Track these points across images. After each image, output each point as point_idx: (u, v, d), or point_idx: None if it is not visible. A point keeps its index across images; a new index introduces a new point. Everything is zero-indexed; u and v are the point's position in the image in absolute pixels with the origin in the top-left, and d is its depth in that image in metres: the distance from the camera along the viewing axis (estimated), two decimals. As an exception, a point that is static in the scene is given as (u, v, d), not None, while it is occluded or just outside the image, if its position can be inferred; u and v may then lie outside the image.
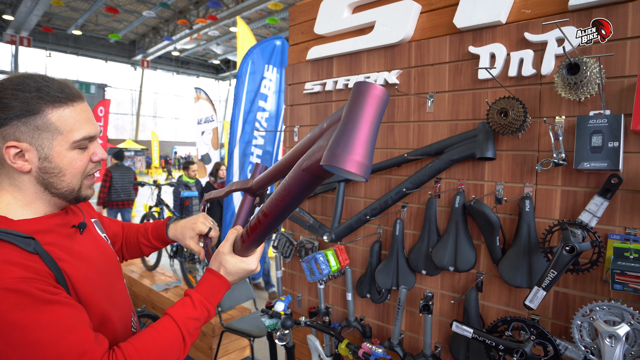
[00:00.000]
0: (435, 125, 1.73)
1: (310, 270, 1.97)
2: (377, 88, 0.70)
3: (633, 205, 1.32)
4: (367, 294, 1.92)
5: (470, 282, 1.67)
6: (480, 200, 1.54)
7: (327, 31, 2.06)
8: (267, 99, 3.78)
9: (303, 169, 0.80)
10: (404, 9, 1.76)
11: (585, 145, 1.31)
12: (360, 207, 2.01)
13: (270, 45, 3.84)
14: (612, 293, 1.35)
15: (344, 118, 0.71)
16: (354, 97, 0.71)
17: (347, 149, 0.66)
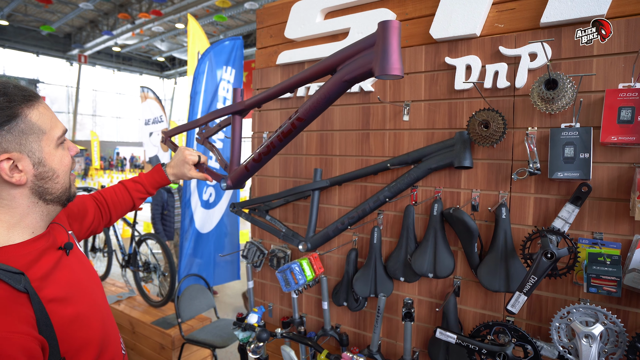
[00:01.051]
0: (411, 133, 1.75)
1: (285, 280, 1.92)
2: (396, 22, 1.07)
3: (600, 211, 1.40)
4: (344, 302, 1.90)
5: (447, 287, 1.71)
6: (459, 209, 1.57)
7: (299, 36, 2.02)
8: (225, 101, 3.67)
9: (345, 80, 1.17)
10: (379, 17, 1.77)
11: (558, 156, 1.38)
12: (335, 215, 1.99)
13: (229, 46, 3.72)
14: (582, 294, 1.43)
15: (383, 44, 1.06)
16: (383, 30, 1.07)
17: (392, 63, 1.06)
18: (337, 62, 1.21)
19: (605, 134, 1.31)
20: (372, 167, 1.78)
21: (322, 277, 1.94)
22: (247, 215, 2.11)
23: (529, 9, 1.50)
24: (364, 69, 1.12)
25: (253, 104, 1.62)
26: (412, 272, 1.71)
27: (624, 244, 1.37)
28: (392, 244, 1.83)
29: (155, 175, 1.54)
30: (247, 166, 1.60)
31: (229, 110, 1.70)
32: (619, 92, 1.30)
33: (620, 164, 1.37)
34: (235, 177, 1.66)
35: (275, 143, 1.45)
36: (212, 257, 3.58)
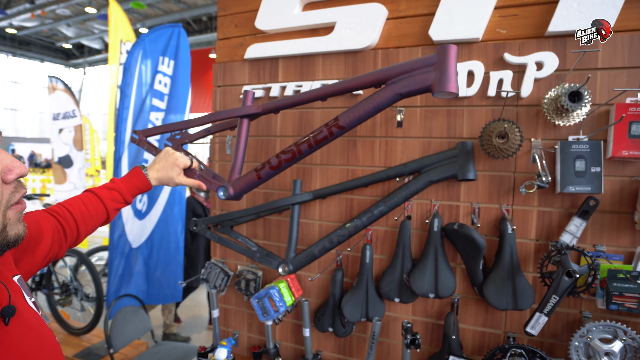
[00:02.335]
0: (405, 142, 1.62)
1: (262, 309, 1.68)
2: (454, 46, 1.14)
3: (602, 224, 1.39)
4: (329, 328, 1.71)
5: (444, 306, 1.61)
6: (465, 225, 1.47)
7: (273, 27, 1.78)
8: (163, 97, 3.25)
9: (399, 93, 1.21)
10: (371, 13, 1.60)
11: (570, 170, 1.33)
12: (315, 231, 1.79)
13: (166, 34, 3.30)
14: (584, 306, 1.41)
15: (443, 65, 1.14)
16: (444, 53, 1.14)
17: (452, 82, 1.14)
18: (388, 76, 1.24)
19: (616, 148, 1.29)
20: (365, 178, 1.61)
21: (302, 301, 1.74)
22: (212, 234, 1.82)
23: (533, 17, 1.44)
24: (422, 85, 1.18)
25: (272, 109, 1.48)
26: (410, 292, 1.58)
27: (626, 255, 1.37)
28: (383, 261, 1.68)
29: (133, 179, 1.29)
30: (261, 174, 1.45)
31: (238, 113, 1.51)
32: (629, 106, 1.28)
33: (622, 177, 1.36)
34: (241, 185, 1.49)
35: (303, 150, 1.38)
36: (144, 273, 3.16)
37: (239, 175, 1.52)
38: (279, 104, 1.46)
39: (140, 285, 3.02)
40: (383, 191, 1.66)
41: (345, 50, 1.68)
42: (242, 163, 1.54)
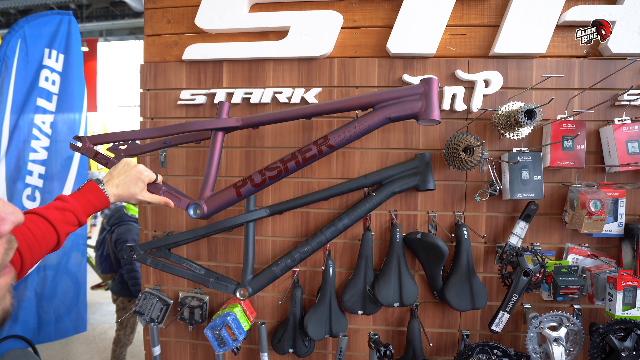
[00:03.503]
0: (363, 153, 1.61)
1: (218, 339, 1.52)
2: (436, 79, 1.28)
3: (538, 225, 1.58)
4: (289, 349, 1.62)
5: (404, 312, 1.65)
6: (428, 233, 1.52)
7: (218, 27, 1.62)
8: (51, 96, 2.71)
9: (389, 117, 1.29)
10: (327, 20, 1.56)
11: (517, 178, 1.47)
12: (268, 248, 1.68)
13: (52, 22, 2.74)
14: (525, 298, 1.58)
15: (428, 96, 1.26)
16: (428, 85, 1.27)
17: (434, 110, 1.25)
18: (378, 101, 1.30)
19: (553, 159, 1.47)
20: (327, 191, 1.55)
21: (259, 324, 1.62)
22: (155, 260, 1.57)
23: (478, 37, 1.56)
24: (411, 112, 1.28)
25: (252, 123, 1.38)
26: (373, 303, 1.58)
27: (557, 251, 1.57)
28: (343, 275, 1.66)
29: (88, 196, 1.09)
30: (241, 191, 1.36)
31: (213, 125, 1.37)
32: (561, 123, 1.47)
33: (553, 184, 1.56)
34: (216, 203, 1.36)
35: (290, 167, 1.34)
36: (35, 307, 2.61)
37: (211, 192, 1.38)
38: (260, 119, 1.37)
39: (29, 322, 2.48)
40: (341, 204, 1.63)
41: (299, 57, 1.61)
42: (215, 179, 1.39)
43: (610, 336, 1.37)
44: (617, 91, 1.53)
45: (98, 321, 4.20)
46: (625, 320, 1.37)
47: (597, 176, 1.55)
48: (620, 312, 1.37)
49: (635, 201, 1.55)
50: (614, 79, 1.53)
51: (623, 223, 1.51)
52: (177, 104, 1.68)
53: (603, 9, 1.49)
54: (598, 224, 1.43)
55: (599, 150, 1.54)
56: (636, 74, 1.54)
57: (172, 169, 1.70)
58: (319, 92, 1.61)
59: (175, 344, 1.76)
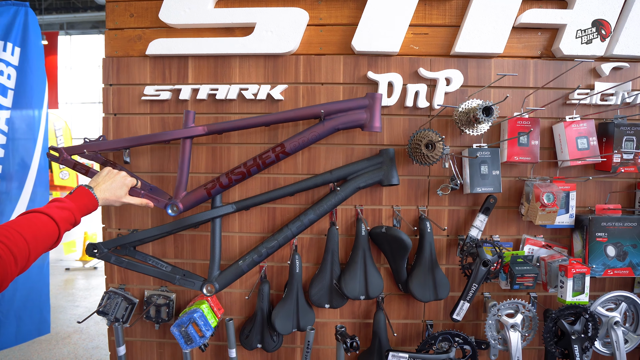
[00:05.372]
0: (328, 149, 1.64)
1: (185, 336, 1.51)
2: (380, 94, 1.48)
3: (496, 217, 1.65)
4: (258, 345, 1.63)
5: (370, 305, 1.69)
6: (392, 227, 1.56)
7: (183, 22, 1.60)
8: (6, 92, 2.60)
9: (337, 128, 1.46)
10: (293, 17, 1.57)
11: (477, 173, 1.53)
12: (235, 244, 1.68)
13: (7, 13, 2.61)
14: (485, 288, 1.65)
15: (371, 109, 1.45)
16: (372, 100, 1.45)
17: (376, 121, 1.45)
18: (328, 112, 1.46)
19: (510, 154, 1.54)
20: (293, 187, 1.57)
21: (226, 320, 1.62)
22: (119, 258, 1.54)
23: (440, 37, 1.61)
24: (357, 123, 1.46)
25: (216, 130, 1.52)
26: (340, 297, 1.61)
27: (515, 242, 1.65)
28: (309, 269, 1.68)
29: (82, 199, 1.22)
30: (211, 190, 1.52)
31: (182, 135, 1.52)
32: (517, 120, 1.54)
33: (510, 178, 1.63)
34: (190, 201, 1.53)
35: (252, 171, 1.50)
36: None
37: (184, 191, 1.54)
38: (224, 126, 1.51)
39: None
40: (307, 199, 1.65)
41: (265, 54, 1.61)
42: (187, 180, 1.55)
43: (561, 321, 1.45)
44: (569, 91, 1.62)
45: (62, 325, 4.06)
46: (575, 305, 1.46)
47: (551, 171, 1.64)
48: (570, 298, 1.46)
49: (585, 194, 1.64)
50: (565, 79, 1.62)
51: (574, 215, 1.59)
52: (141, 99, 1.65)
53: (555, 12, 1.57)
54: (551, 216, 1.51)
55: (553, 146, 1.63)
56: (586, 74, 1.63)
57: (137, 166, 1.67)
58: (285, 88, 1.62)
59: (141, 343, 1.74)
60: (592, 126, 1.56)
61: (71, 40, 11.94)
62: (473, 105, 1.46)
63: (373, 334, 1.61)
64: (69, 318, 4.18)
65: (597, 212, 1.60)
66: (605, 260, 1.55)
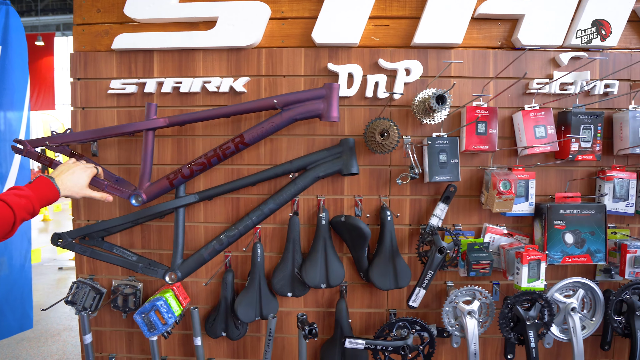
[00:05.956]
0: (290, 139, 1.66)
1: (148, 323, 1.54)
2: (337, 84, 1.48)
3: (458, 206, 1.67)
4: (222, 333, 1.66)
5: (334, 294, 1.71)
6: (352, 216, 1.59)
7: (147, 17, 1.64)
8: (-12, 90, 2.65)
9: (295, 118, 1.47)
10: (254, 11, 1.60)
11: (435, 162, 1.56)
12: (200, 234, 1.71)
13: None
14: (447, 277, 1.67)
15: (328, 99, 1.46)
16: (329, 90, 1.46)
17: (334, 111, 1.46)
18: (286, 102, 1.48)
19: (468, 143, 1.56)
20: (254, 177, 1.60)
21: (191, 309, 1.64)
22: (83, 247, 1.58)
23: (400, 28, 1.64)
24: (314, 113, 1.47)
25: (178, 122, 1.54)
26: (302, 285, 1.63)
27: (476, 231, 1.66)
28: (273, 258, 1.70)
29: (43, 189, 1.21)
30: (173, 181, 1.54)
31: (144, 127, 1.54)
32: (475, 109, 1.56)
33: (472, 167, 1.65)
34: (153, 191, 1.55)
35: (213, 161, 1.52)
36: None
37: (148, 182, 1.56)
38: (185, 118, 1.54)
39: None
40: (270, 189, 1.68)
41: (227, 47, 1.64)
42: (151, 171, 1.57)
43: (516, 307, 1.47)
44: (528, 80, 1.63)
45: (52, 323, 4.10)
46: (531, 291, 1.47)
47: (512, 160, 1.66)
48: (525, 284, 1.47)
49: (546, 182, 1.66)
50: (525, 68, 1.64)
51: (534, 203, 1.61)
52: (108, 93, 1.68)
53: (513, 2, 1.59)
54: (507, 203, 1.52)
55: (513, 135, 1.64)
56: (546, 64, 1.65)
57: (105, 159, 1.70)
58: (247, 81, 1.65)
59: (110, 332, 1.77)
60: (550, 115, 1.58)
61: (67, 41, 12.01)
62: (429, 95, 1.48)
63: (335, 322, 1.64)
64: (59, 316, 4.22)
65: (556, 200, 1.61)
66: (564, 247, 1.56)
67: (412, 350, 1.49)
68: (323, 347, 1.68)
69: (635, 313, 1.51)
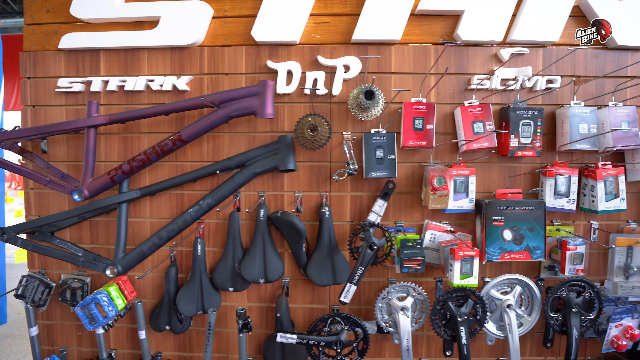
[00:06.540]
0: (231, 136, 1.68)
1: (89, 316, 1.57)
2: (272, 82, 1.51)
3: (400, 203, 1.66)
4: (166, 327, 1.68)
5: (276, 289, 1.72)
6: (287, 212, 1.60)
7: (92, 17, 1.67)
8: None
9: (231, 115, 1.51)
10: (195, 10, 1.62)
11: (372, 158, 1.56)
12: (147, 229, 1.74)
13: None
14: (393, 274, 1.67)
15: (262, 96, 1.49)
16: (264, 87, 1.49)
17: (269, 109, 1.49)
18: (222, 100, 1.52)
19: (405, 139, 1.56)
20: (192, 174, 1.62)
21: (135, 302, 1.67)
22: (26, 242, 1.62)
23: (341, 25, 1.65)
24: (249, 110, 1.51)
25: (118, 120, 1.59)
26: (242, 280, 1.65)
27: (417, 228, 1.66)
28: (217, 254, 1.72)
29: None
30: (114, 177, 1.59)
31: (85, 124, 1.58)
32: (413, 104, 1.56)
33: (413, 163, 1.65)
34: (95, 187, 1.59)
35: (152, 158, 1.57)
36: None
37: (91, 177, 1.60)
38: (125, 116, 1.59)
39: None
40: (212, 185, 1.70)
41: (171, 46, 1.67)
42: (94, 167, 1.62)
43: (448, 303, 1.46)
44: (470, 76, 1.63)
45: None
46: (463, 288, 1.46)
47: (454, 156, 1.65)
48: (458, 281, 1.47)
49: (489, 179, 1.65)
50: (467, 64, 1.63)
51: (474, 199, 1.60)
52: (56, 91, 1.72)
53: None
54: (443, 200, 1.52)
55: (455, 131, 1.64)
56: (488, 60, 1.64)
57: (54, 156, 1.74)
58: (190, 79, 1.67)
59: (61, 326, 1.80)
60: (489, 110, 1.57)
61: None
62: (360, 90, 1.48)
63: (276, 318, 1.65)
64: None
65: (497, 196, 1.61)
66: (502, 244, 1.55)
67: (344, 345, 1.49)
68: (265, 342, 1.70)
69: (572, 310, 1.49)
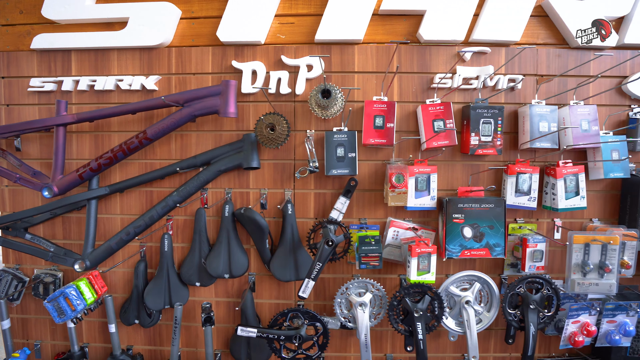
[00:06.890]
0: (199, 135, 1.71)
1: (58, 310, 1.61)
2: (234, 81, 1.55)
3: (363, 201, 1.69)
4: (135, 320, 1.72)
5: (243, 284, 1.75)
6: (250, 208, 1.63)
7: (63, 18, 1.71)
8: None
9: (194, 115, 1.56)
10: (163, 11, 1.66)
11: (332, 156, 1.58)
12: (117, 225, 1.77)
13: None
14: (355, 271, 1.69)
15: (224, 95, 1.53)
16: (226, 87, 1.54)
17: (231, 109, 1.54)
18: (185, 99, 1.56)
19: (366, 137, 1.58)
20: (157, 172, 1.66)
21: (106, 297, 1.71)
22: (-4, 236, 1.67)
23: (305, 25, 1.67)
24: (212, 109, 1.56)
25: (86, 118, 1.64)
26: (208, 275, 1.68)
27: (381, 225, 1.68)
28: (185, 249, 1.75)
29: None
30: (82, 175, 1.63)
31: (54, 122, 1.63)
32: (374, 103, 1.59)
33: (376, 161, 1.67)
34: (63, 184, 1.64)
35: (119, 156, 1.62)
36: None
37: (61, 175, 1.65)
38: (93, 114, 1.63)
39: None
40: (180, 182, 1.73)
41: (139, 47, 1.70)
42: (63, 164, 1.67)
43: (405, 299, 1.48)
44: (432, 75, 1.65)
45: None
46: (420, 284, 1.48)
47: (417, 154, 1.67)
48: (415, 277, 1.49)
49: (452, 176, 1.67)
50: (429, 63, 1.65)
51: (436, 197, 1.62)
52: (29, 91, 1.76)
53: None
54: (401, 197, 1.54)
55: (418, 130, 1.66)
56: (450, 59, 1.66)
57: (28, 153, 1.78)
58: (159, 79, 1.71)
59: (35, 320, 1.85)
60: (450, 109, 1.59)
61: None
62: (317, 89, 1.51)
63: (241, 312, 1.68)
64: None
65: (459, 194, 1.62)
66: (462, 241, 1.57)
67: (304, 340, 1.52)
68: (232, 336, 1.73)
69: (529, 306, 1.51)
